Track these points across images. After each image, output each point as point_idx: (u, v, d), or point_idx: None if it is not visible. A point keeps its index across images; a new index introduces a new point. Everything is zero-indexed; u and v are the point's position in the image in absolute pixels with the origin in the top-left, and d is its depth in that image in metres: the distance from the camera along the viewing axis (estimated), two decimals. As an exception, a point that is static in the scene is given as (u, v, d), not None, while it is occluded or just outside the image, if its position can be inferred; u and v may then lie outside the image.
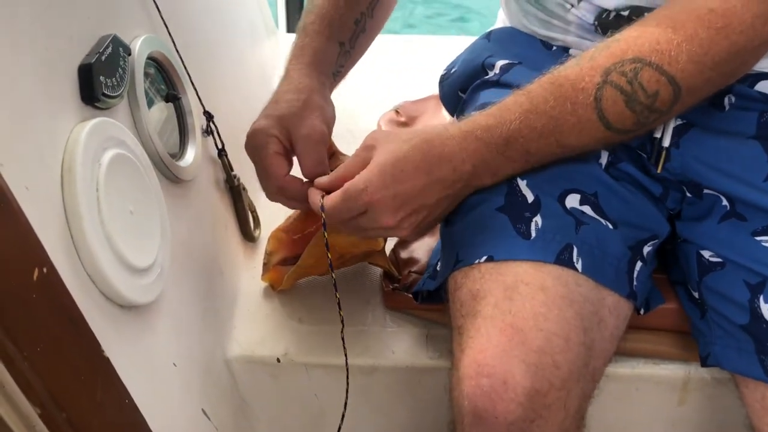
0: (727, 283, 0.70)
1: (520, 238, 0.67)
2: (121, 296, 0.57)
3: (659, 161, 0.74)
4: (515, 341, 0.61)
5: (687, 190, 0.76)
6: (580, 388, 0.64)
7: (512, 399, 0.60)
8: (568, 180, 0.72)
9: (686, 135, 0.73)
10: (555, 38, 0.82)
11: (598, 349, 0.67)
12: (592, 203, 0.71)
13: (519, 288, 0.64)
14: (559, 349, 0.62)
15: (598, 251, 0.69)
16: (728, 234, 0.72)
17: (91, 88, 0.57)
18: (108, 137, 0.58)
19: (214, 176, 0.89)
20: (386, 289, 0.88)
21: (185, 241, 0.75)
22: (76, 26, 0.60)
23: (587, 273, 0.67)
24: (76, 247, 0.52)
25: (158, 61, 0.75)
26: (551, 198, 0.70)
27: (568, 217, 0.69)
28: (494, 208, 0.70)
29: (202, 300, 0.79)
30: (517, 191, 0.70)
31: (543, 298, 0.64)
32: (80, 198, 0.52)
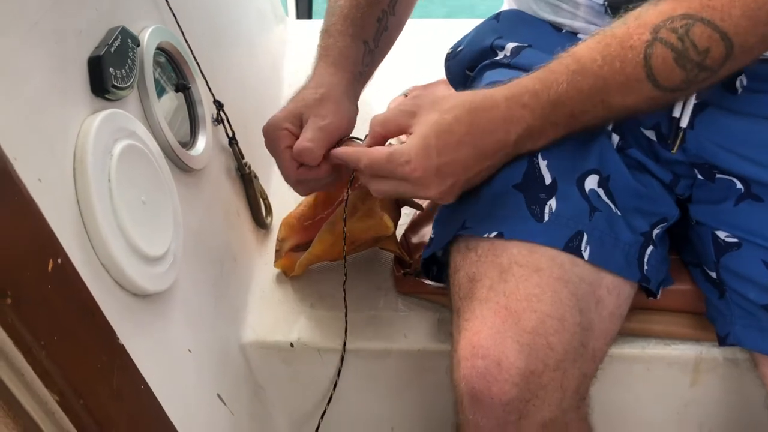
0: (746, 263, 0.70)
1: (533, 219, 0.67)
2: (135, 285, 0.58)
3: (676, 141, 0.74)
4: (509, 322, 0.63)
5: (699, 173, 0.75)
6: (578, 369, 0.65)
7: (507, 380, 0.61)
8: (588, 160, 0.71)
9: (701, 115, 0.73)
10: (563, 24, 0.81)
11: (597, 329, 0.67)
12: (605, 187, 0.71)
13: (513, 270, 0.65)
14: (553, 330, 0.63)
15: (610, 238, 0.69)
16: (745, 215, 0.72)
17: (101, 80, 0.58)
18: (119, 128, 0.59)
19: (225, 164, 0.90)
20: (397, 274, 0.89)
21: (198, 229, 0.76)
22: (85, 19, 0.60)
23: (594, 261, 0.67)
24: (90, 238, 0.53)
25: (167, 51, 0.75)
26: (569, 181, 0.70)
27: (584, 203, 0.69)
28: (511, 184, 0.70)
29: (216, 287, 0.80)
30: (536, 170, 0.70)
31: (537, 280, 0.64)
32: (92, 189, 0.53)
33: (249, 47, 1.16)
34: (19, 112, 0.49)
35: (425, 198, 0.70)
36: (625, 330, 0.80)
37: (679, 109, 0.72)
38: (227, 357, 0.80)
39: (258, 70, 1.18)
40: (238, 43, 1.10)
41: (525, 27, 0.85)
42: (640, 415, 0.87)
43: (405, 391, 0.89)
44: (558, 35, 0.82)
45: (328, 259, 0.89)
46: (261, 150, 0.97)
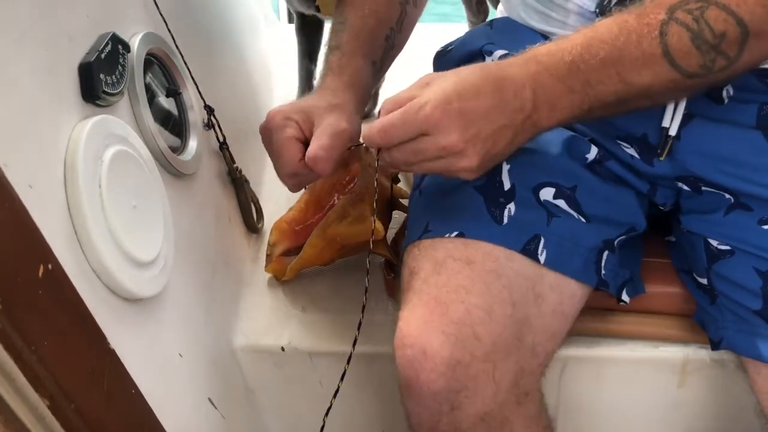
0: (738, 270, 0.71)
1: (493, 221, 0.69)
2: (126, 290, 0.58)
3: (665, 149, 0.74)
4: (436, 313, 0.64)
5: (685, 186, 0.76)
6: (513, 362, 0.66)
7: (432, 369, 0.63)
8: (547, 172, 0.73)
9: (688, 126, 0.73)
10: (552, 33, 0.81)
11: (536, 324, 0.68)
12: (567, 197, 0.72)
13: (447, 263, 0.67)
14: (479, 321, 0.64)
15: (569, 243, 0.70)
16: (735, 224, 0.72)
17: (91, 86, 0.58)
18: (109, 134, 0.59)
19: (216, 169, 0.90)
20: (387, 278, 0.89)
21: (189, 233, 0.76)
22: (76, 25, 0.60)
23: (550, 265, 0.69)
24: (80, 243, 0.54)
25: (158, 56, 0.76)
26: (526, 188, 0.72)
27: (541, 209, 0.71)
28: (472, 186, 0.71)
29: (207, 291, 0.80)
30: (497, 176, 0.72)
31: (468, 273, 0.66)
32: (83, 195, 0.53)
33: (240, 52, 1.16)
34: (10, 118, 0.49)
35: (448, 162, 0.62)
36: (613, 332, 0.81)
37: (668, 118, 0.72)
38: (218, 361, 0.80)
39: (249, 75, 1.19)
40: (229, 48, 1.11)
41: (516, 35, 0.85)
42: (629, 417, 0.88)
43: (396, 394, 0.89)
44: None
45: (318, 264, 0.89)
46: (252, 154, 0.97)
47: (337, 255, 0.87)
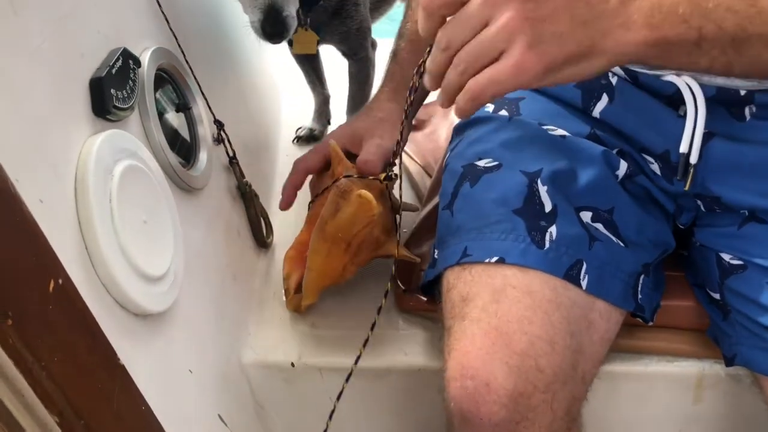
0: (751, 285, 0.70)
1: (534, 246, 0.68)
2: (136, 305, 0.58)
3: (687, 177, 0.71)
4: (499, 344, 0.63)
5: (702, 205, 0.75)
6: (568, 391, 0.65)
7: (495, 401, 0.61)
8: (585, 193, 0.72)
9: (708, 145, 0.72)
10: None
11: (587, 352, 0.67)
12: (605, 220, 0.71)
13: (506, 291, 0.65)
14: (542, 353, 0.63)
15: (610, 268, 0.69)
16: (749, 238, 0.72)
17: (102, 101, 0.58)
18: (120, 149, 0.59)
19: (225, 184, 0.90)
20: (398, 292, 0.88)
21: (198, 248, 0.76)
22: (87, 41, 0.61)
23: (592, 291, 0.67)
24: (91, 258, 0.53)
25: (168, 72, 0.76)
26: (569, 210, 0.70)
27: (583, 233, 0.69)
28: (511, 209, 0.70)
29: (216, 306, 0.79)
30: (536, 196, 0.70)
31: (529, 302, 0.64)
32: (93, 209, 0.53)
33: (249, 67, 1.17)
34: (21, 133, 0.49)
35: (496, 39, 0.52)
36: (628, 347, 0.80)
37: (686, 143, 0.70)
38: (228, 377, 0.80)
39: (258, 90, 1.19)
40: (239, 64, 1.11)
41: None
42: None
43: (406, 409, 0.88)
44: None
45: (333, 277, 0.85)
46: (261, 169, 0.97)
47: (348, 259, 0.82)
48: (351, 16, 1.04)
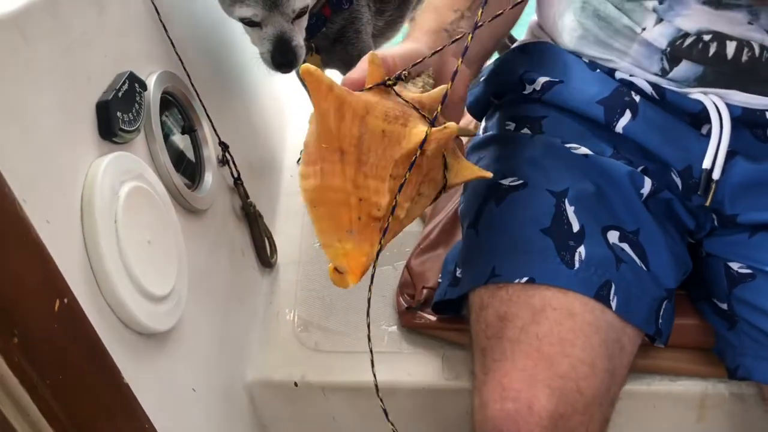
0: (760, 293, 0.71)
1: (564, 266, 0.67)
2: (140, 324, 0.58)
3: (708, 193, 0.73)
4: (541, 366, 0.62)
5: (716, 220, 0.76)
6: (602, 413, 0.65)
7: (536, 423, 0.61)
8: (611, 213, 0.72)
9: (730, 164, 0.73)
10: (608, 60, 0.79)
11: (618, 374, 0.67)
12: (631, 242, 0.71)
13: (547, 312, 0.65)
14: (584, 375, 0.63)
15: (637, 291, 0.69)
16: (760, 247, 0.72)
17: (108, 124, 0.60)
18: (125, 170, 0.60)
19: (230, 204, 0.91)
20: (401, 309, 0.89)
21: (203, 268, 0.77)
22: (94, 65, 0.62)
23: (620, 312, 0.67)
24: (96, 278, 0.54)
25: (174, 95, 0.77)
26: (596, 230, 0.70)
27: (610, 253, 0.69)
28: (539, 229, 0.69)
29: (220, 326, 0.80)
30: (563, 216, 0.70)
31: (571, 324, 0.64)
32: (99, 230, 0.54)
33: (253, 89, 1.18)
34: (29, 155, 0.50)
35: None
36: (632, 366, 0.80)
37: (710, 159, 0.71)
38: (231, 396, 0.80)
39: (263, 112, 1.20)
40: (244, 85, 1.12)
41: (557, 62, 0.83)
42: (648, 452, 0.86)
43: (410, 429, 0.88)
44: (592, 73, 0.80)
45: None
46: (266, 190, 0.98)
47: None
48: (352, 42, 1.05)
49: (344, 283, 0.56)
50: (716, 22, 0.70)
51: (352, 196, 0.54)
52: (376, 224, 0.55)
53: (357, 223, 0.55)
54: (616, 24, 0.76)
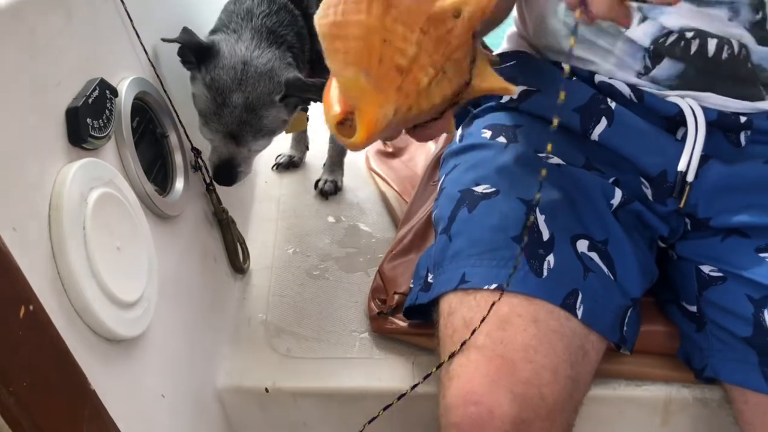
0: (729, 296, 0.72)
1: (532, 273, 0.68)
2: (108, 330, 0.58)
3: (682, 196, 0.75)
4: (504, 371, 0.63)
5: (690, 224, 0.77)
6: (564, 419, 0.66)
7: (498, 427, 0.62)
8: (581, 222, 0.73)
9: (704, 167, 0.74)
10: (590, 62, 0.80)
11: (581, 381, 0.68)
12: (599, 251, 0.72)
13: (512, 319, 0.66)
14: (546, 382, 0.64)
15: (603, 299, 0.70)
16: (732, 250, 0.74)
17: (77, 130, 0.60)
18: (95, 177, 0.60)
19: (202, 210, 0.91)
20: (372, 314, 0.90)
21: (174, 274, 0.77)
22: (64, 70, 0.62)
23: (585, 320, 0.68)
24: (64, 284, 0.54)
25: (146, 101, 0.77)
26: (565, 239, 0.71)
27: (578, 262, 0.71)
28: (509, 236, 0.71)
29: (191, 332, 0.80)
30: (534, 224, 0.71)
31: (534, 331, 0.65)
32: (67, 236, 0.54)
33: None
34: (-4, 163, 0.50)
35: None
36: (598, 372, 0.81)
37: (685, 162, 0.73)
38: (202, 402, 0.80)
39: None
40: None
41: (533, 71, 0.85)
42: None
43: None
44: (568, 82, 0.81)
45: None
46: (239, 195, 0.98)
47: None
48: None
49: (354, 142, 0.52)
50: (698, 19, 0.72)
51: (375, 35, 0.50)
52: (396, 77, 0.51)
53: (376, 67, 0.51)
54: (600, 23, 0.77)
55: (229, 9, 0.93)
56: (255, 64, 0.87)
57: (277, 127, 0.92)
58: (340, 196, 1.22)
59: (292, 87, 0.89)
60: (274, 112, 0.89)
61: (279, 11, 0.92)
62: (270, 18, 0.91)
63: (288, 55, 0.91)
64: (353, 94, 0.50)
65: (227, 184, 0.92)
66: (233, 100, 0.86)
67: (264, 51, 0.89)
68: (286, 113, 0.92)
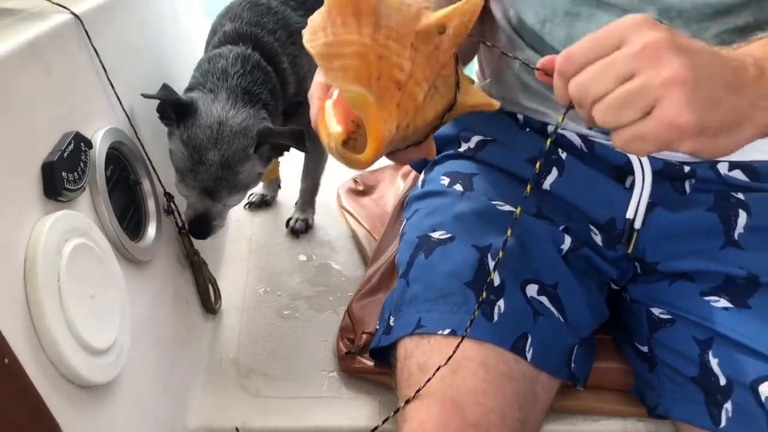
0: (677, 338, 0.76)
1: (483, 318, 0.71)
2: (81, 378, 0.60)
3: (630, 241, 0.78)
4: (454, 415, 0.65)
5: (639, 267, 0.81)
6: None
7: None
8: (531, 268, 0.77)
9: (651, 214, 0.79)
10: (543, 114, 0.85)
11: (531, 422, 0.71)
12: (550, 294, 0.76)
13: (463, 363, 0.68)
14: (494, 425, 0.66)
15: (552, 341, 0.74)
16: (679, 294, 0.77)
17: (53, 184, 0.62)
18: (70, 229, 0.63)
19: (174, 253, 0.93)
20: (340, 354, 0.92)
21: (146, 317, 0.79)
22: (40, 125, 0.65)
23: (534, 362, 0.71)
24: (38, 335, 0.56)
25: (120, 149, 0.80)
26: (515, 284, 0.74)
27: (528, 306, 0.74)
28: (463, 282, 0.74)
29: (163, 374, 0.82)
30: (486, 270, 0.74)
31: (484, 375, 0.68)
32: (41, 289, 0.56)
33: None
34: (-26, 220, 0.52)
35: (645, 57, 0.49)
36: (557, 408, 0.85)
37: (633, 209, 0.77)
38: (173, 443, 0.81)
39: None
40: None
41: (490, 122, 0.89)
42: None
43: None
44: (521, 133, 0.86)
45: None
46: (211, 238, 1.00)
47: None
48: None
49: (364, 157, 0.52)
50: None
51: (371, 52, 0.51)
52: (396, 92, 0.52)
53: (376, 83, 0.52)
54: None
55: (204, 68, 0.97)
56: (230, 123, 0.91)
57: (251, 181, 0.96)
58: (311, 234, 1.25)
59: (263, 136, 0.92)
60: (249, 166, 0.93)
61: (253, 70, 0.96)
62: (245, 78, 0.95)
63: (262, 113, 0.96)
64: (361, 109, 0.51)
65: (202, 237, 0.96)
66: (209, 157, 0.90)
67: (239, 111, 0.93)
68: (261, 165, 0.95)
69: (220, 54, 0.97)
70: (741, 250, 0.76)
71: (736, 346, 0.70)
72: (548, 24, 0.79)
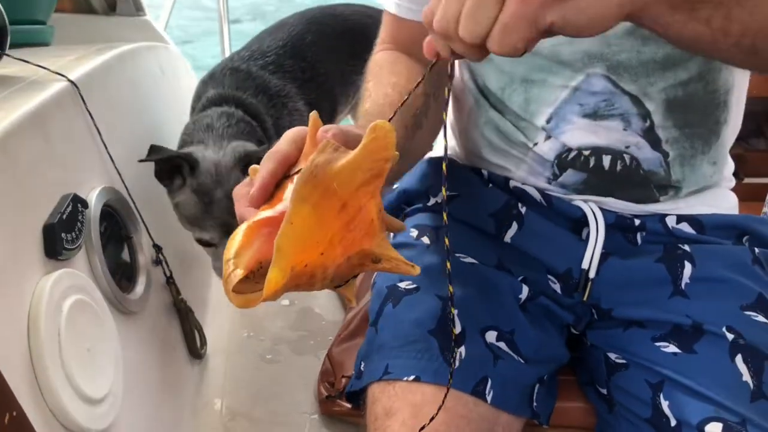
0: (632, 382, 0.81)
1: (446, 365, 0.76)
2: (80, 426, 0.64)
3: (585, 290, 0.85)
4: None
5: (596, 314, 0.87)
6: None
7: None
8: (491, 315, 0.82)
9: (605, 264, 0.85)
10: (505, 169, 0.90)
11: None
12: (507, 340, 0.81)
13: (424, 408, 0.73)
14: None
15: (511, 383, 0.79)
16: (631, 340, 0.83)
17: (54, 245, 0.67)
18: (69, 286, 0.67)
19: (162, 301, 0.98)
20: (320, 398, 0.96)
21: (137, 365, 0.83)
22: (40, 190, 0.70)
23: (495, 404, 0.76)
24: (41, 388, 0.60)
25: (113, 207, 0.85)
26: (476, 331, 0.80)
27: (487, 351, 0.79)
28: (426, 330, 0.78)
29: (153, 419, 0.86)
30: (448, 319, 0.79)
31: (444, 417, 0.72)
32: (44, 345, 0.61)
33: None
34: (-18, 282, 0.57)
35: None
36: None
37: (588, 260, 0.84)
38: (161, 486, 0.85)
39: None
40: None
41: (458, 176, 0.94)
42: None
43: None
44: (485, 189, 0.92)
45: (312, 245, 0.52)
46: (196, 284, 1.05)
47: (338, 229, 0.54)
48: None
49: (271, 283, 0.49)
50: (596, 133, 0.82)
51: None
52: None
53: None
54: (513, 138, 0.88)
55: (190, 128, 1.05)
56: (224, 161, 1.00)
57: None
58: (292, 278, 1.30)
59: (246, 158, 1.00)
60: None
61: (238, 123, 1.04)
62: (231, 128, 1.03)
63: (248, 144, 1.03)
64: (289, 236, 0.50)
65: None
66: (217, 195, 0.99)
67: (227, 149, 1.01)
68: None
69: (205, 115, 1.04)
70: (687, 300, 0.82)
71: (684, 389, 0.75)
72: (507, 89, 0.86)
